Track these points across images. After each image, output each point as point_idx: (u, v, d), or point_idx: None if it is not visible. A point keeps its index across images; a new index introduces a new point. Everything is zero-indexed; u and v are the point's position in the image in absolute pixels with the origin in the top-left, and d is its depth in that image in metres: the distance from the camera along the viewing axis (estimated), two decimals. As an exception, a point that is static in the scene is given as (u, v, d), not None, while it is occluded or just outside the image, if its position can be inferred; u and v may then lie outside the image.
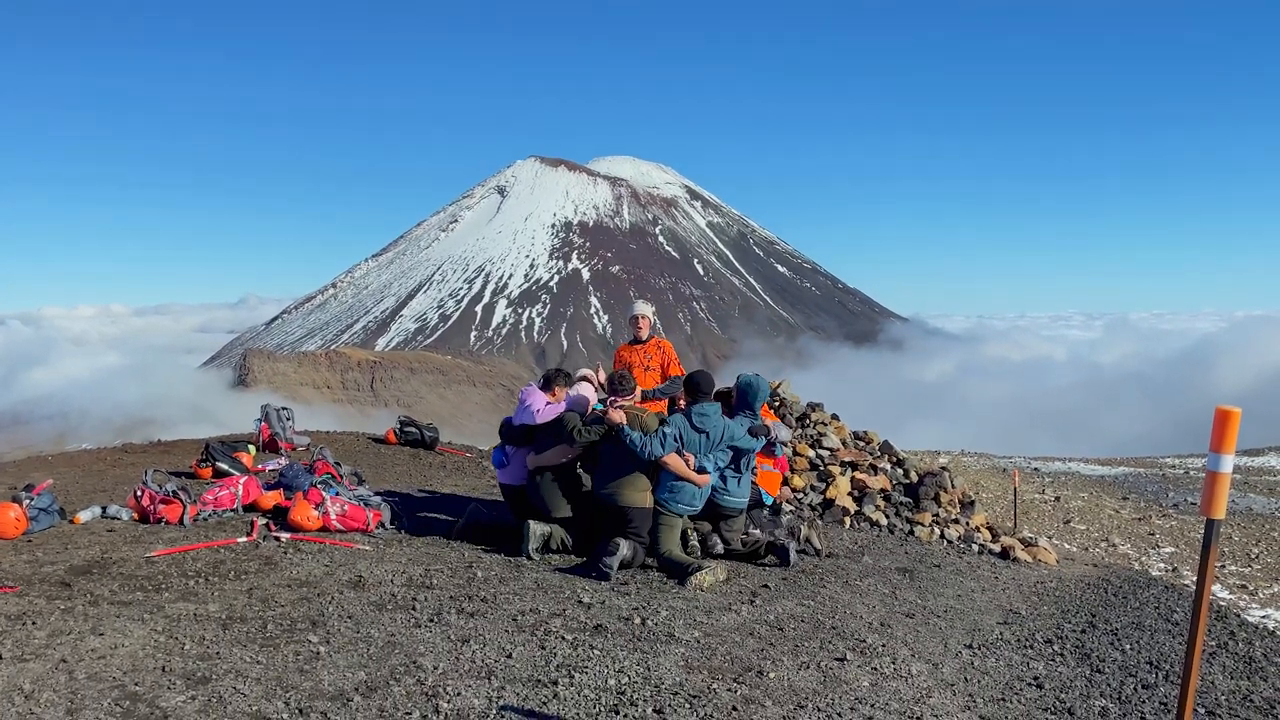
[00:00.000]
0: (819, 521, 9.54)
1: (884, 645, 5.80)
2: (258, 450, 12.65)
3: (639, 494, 7.31)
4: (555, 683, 4.67)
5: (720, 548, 7.76)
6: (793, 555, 7.70)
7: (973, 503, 11.34)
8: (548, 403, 7.98)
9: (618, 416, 7.35)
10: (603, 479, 7.47)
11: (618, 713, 4.40)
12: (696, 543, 7.67)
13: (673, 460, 7.29)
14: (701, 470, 7.40)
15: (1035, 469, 26.61)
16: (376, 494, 9.04)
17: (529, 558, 7.29)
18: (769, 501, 8.59)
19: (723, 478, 7.66)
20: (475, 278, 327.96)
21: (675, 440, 7.33)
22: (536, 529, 7.40)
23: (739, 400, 8.01)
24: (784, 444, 8.28)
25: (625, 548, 6.98)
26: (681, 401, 8.11)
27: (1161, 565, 14.80)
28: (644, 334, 8.93)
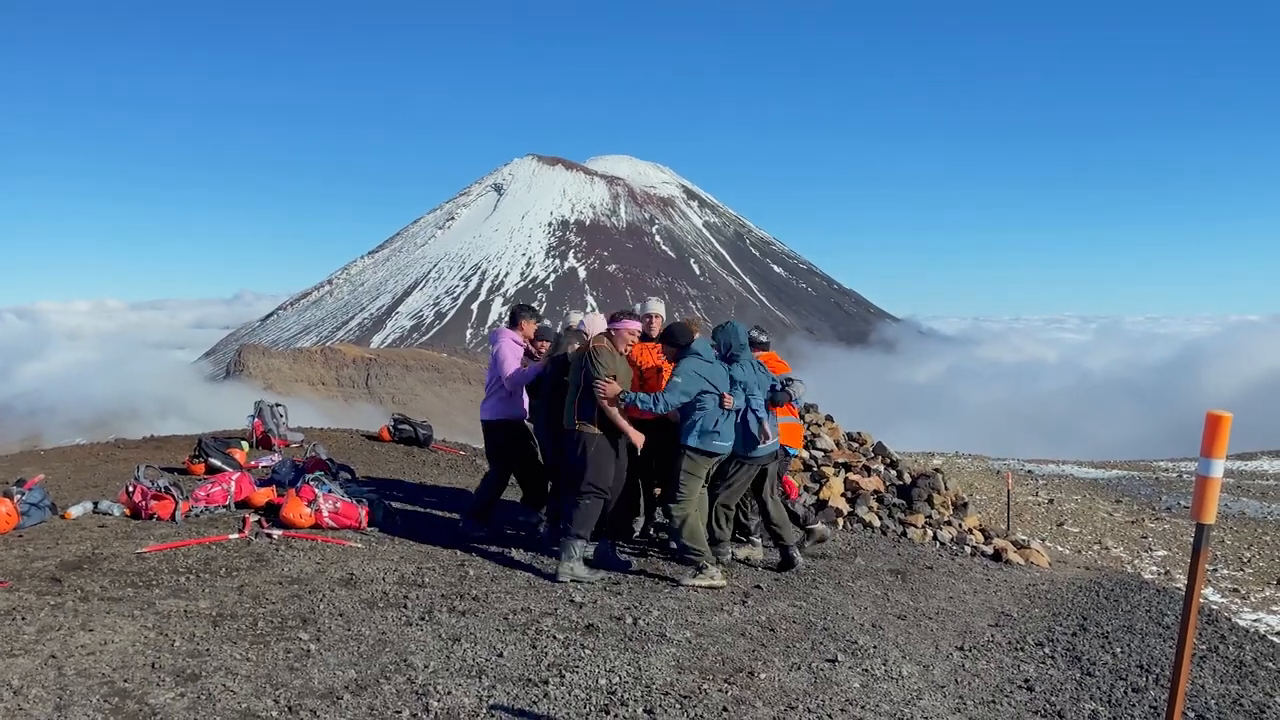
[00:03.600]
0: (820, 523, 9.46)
1: (875, 647, 5.80)
2: (251, 446, 12.62)
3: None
4: (546, 682, 4.67)
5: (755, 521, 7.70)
6: (798, 561, 7.58)
7: (966, 505, 11.36)
8: (515, 341, 7.97)
9: (612, 389, 6.71)
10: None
11: (608, 713, 4.39)
12: (743, 519, 7.47)
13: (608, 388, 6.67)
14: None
15: (1029, 471, 26.66)
16: (370, 491, 9.03)
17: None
18: (793, 454, 8.53)
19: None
20: (471, 275, 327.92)
21: (697, 377, 6.79)
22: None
23: (723, 352, 7.35)
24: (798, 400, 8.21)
25: (576, 550, 6.70)
26: (667, 351, 7.31)
27: (1154, 568, 14.84)
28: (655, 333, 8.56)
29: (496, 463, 8.20)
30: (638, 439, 6.80)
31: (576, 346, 7.15)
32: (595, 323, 8.02)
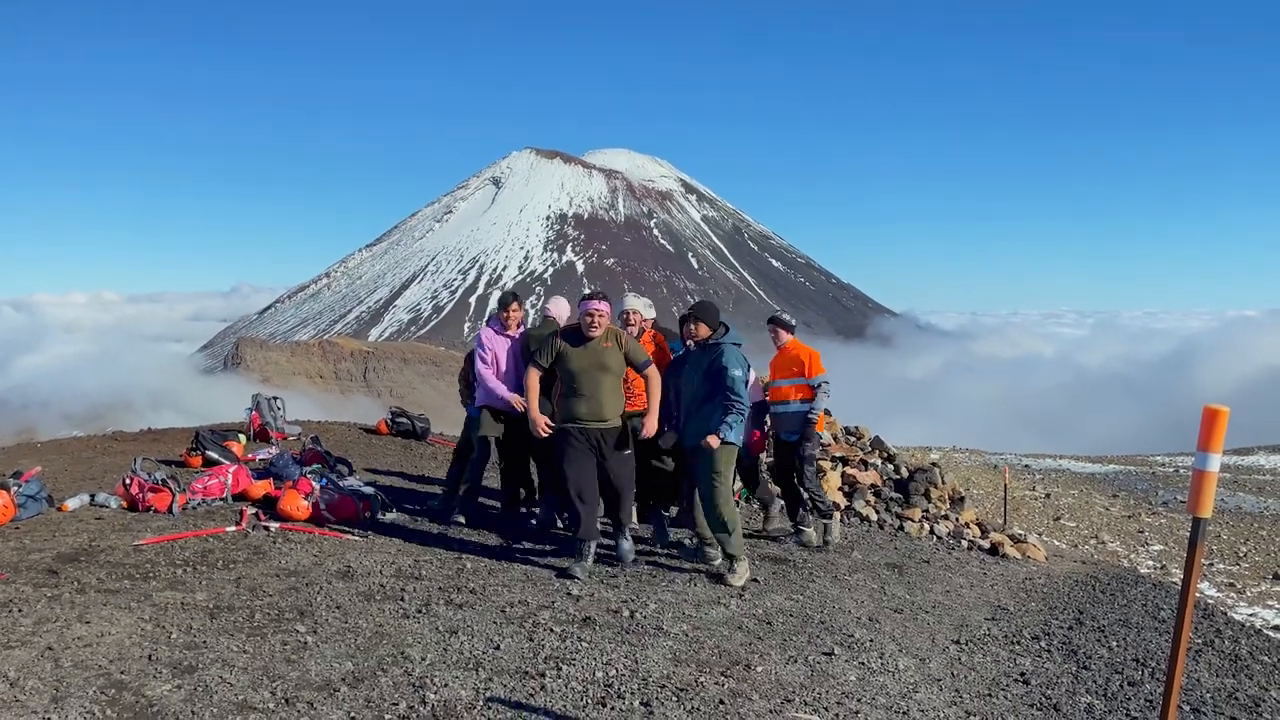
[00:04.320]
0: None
1: (871, 640, 5.81)
2: (248, 439, 12.62)
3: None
4: (543, 674, 4.67)
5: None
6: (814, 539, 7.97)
7: (963, 499, 11.38)
8: (494, 332, 7.96)
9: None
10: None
11: (605, 705, 4.40)
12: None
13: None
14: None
15: (1026, 466, 26.70)
16: (367, 484, 9.03)
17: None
18: (820, 438, 8.71)
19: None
20: (469, 269, 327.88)
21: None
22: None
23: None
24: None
25: (585, 550, 6.60)
26: (695, 330, 6.97)
27: (1150, 563, 14.86)
28: (634, 332, 7.86)
29: (478, 444, 8.09)
30: (539, 426, 6.63)
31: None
32: (560, 306, 7.97)
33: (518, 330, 8.00)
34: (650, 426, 6.68)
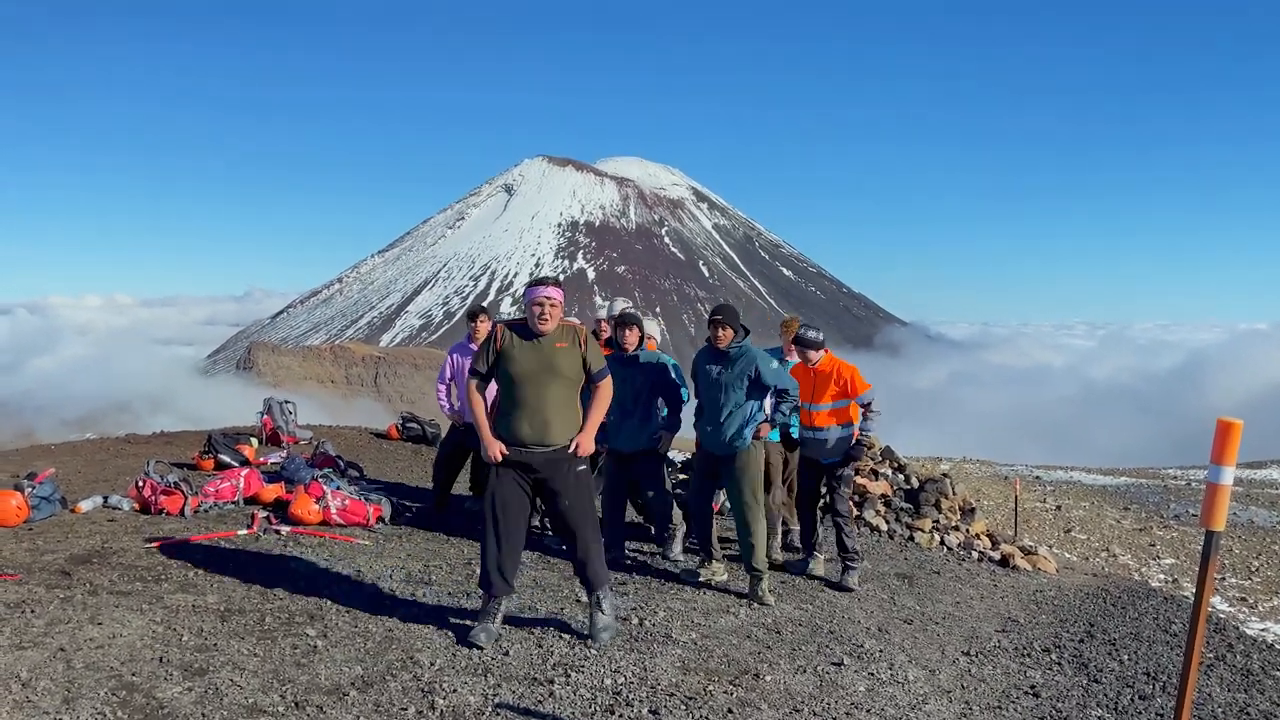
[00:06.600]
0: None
1: (881, 651, 5.79)
2: (260, 443, 12.67)
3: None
4: (552, 681, 4.67)
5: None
6: (852, 583, 7.38)
7: (973, 510, 11.32)
8: (467, 347, 8.38)
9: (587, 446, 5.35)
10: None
11: (613, 713, 4.40)
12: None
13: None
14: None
15: (1037, 477, 26.56)
16: (377, 489, 9.05)
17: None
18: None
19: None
20: (480, 275, 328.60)
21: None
22: None
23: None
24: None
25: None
26: (723, 334, 6.50)
27: (1161, 576, 14.77)
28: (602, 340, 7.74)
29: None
30: (492, 452, 5.21)
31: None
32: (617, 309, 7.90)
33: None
34: (586, 444, 5.28)
